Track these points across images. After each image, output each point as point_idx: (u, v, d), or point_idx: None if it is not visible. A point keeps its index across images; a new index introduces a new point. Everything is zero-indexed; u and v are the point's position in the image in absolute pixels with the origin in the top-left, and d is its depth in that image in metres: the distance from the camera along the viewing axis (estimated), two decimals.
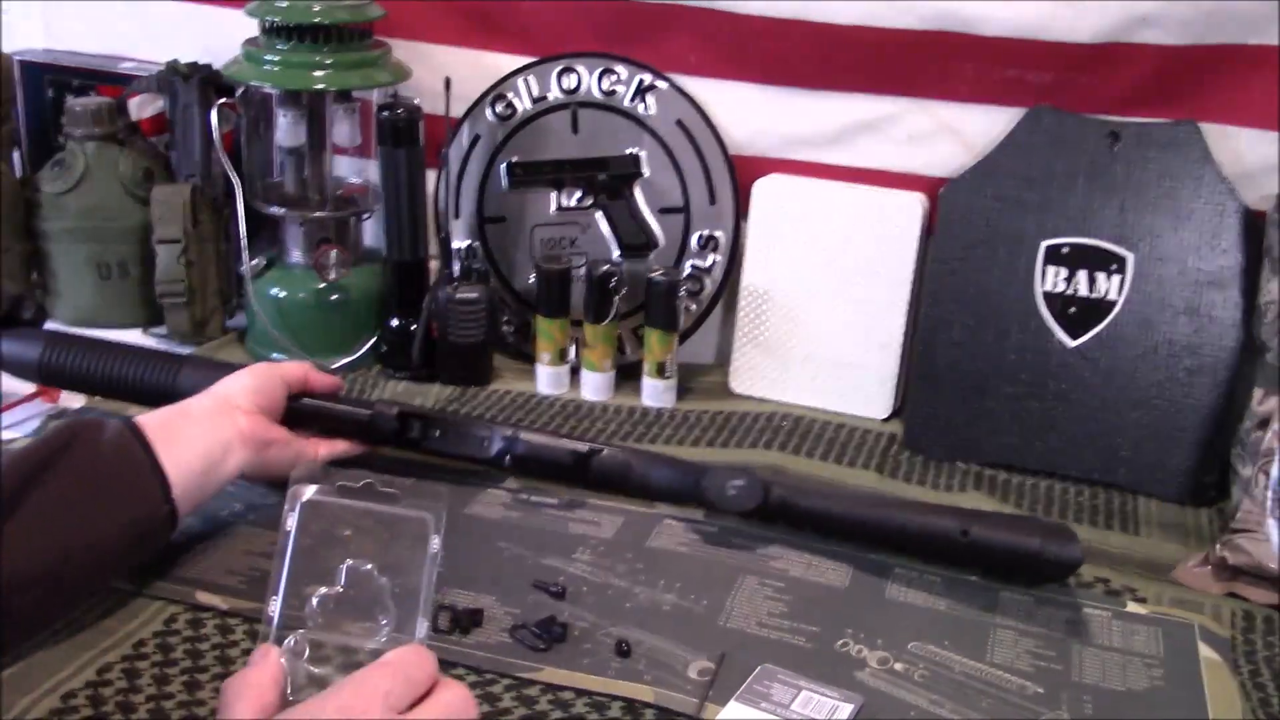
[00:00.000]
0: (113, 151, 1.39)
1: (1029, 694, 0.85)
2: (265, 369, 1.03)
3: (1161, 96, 1.20)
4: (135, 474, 0.86)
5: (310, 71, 1.27)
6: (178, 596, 0.90)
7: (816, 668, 0.86)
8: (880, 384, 1.29)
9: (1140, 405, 1.17)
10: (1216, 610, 0.98)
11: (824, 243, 1.28)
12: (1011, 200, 1.20)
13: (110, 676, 0.81)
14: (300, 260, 1.35)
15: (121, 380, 1.11)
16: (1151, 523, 1.12)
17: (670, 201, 1.35)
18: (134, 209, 1.38)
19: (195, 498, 0.91)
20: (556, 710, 0.81)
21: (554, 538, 1.02)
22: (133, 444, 0.87)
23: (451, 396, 1.29)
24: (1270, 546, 0.99)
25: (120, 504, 0.84)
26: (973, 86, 1.25)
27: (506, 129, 1.36)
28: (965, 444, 1.22)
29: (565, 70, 1.34)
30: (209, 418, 0.94)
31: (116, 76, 1.46)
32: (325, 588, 0.73)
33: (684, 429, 1.25)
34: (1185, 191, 1.16)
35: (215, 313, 1.39)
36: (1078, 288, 1.19)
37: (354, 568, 0.73)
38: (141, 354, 1.13)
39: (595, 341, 1.30)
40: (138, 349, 1.14)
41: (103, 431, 0.86)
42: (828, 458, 1.20)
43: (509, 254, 1.40)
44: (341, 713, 0.63)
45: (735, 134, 1.34)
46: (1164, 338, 1.16)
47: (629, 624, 0.90)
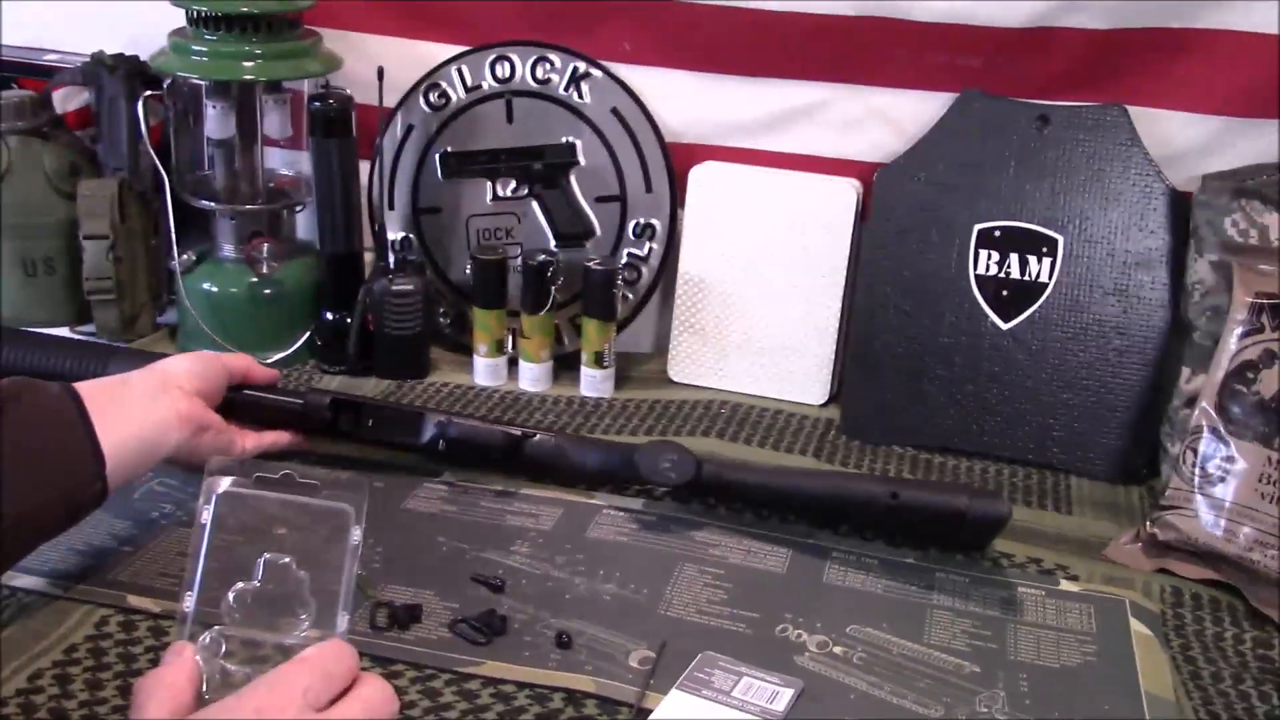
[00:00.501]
0: (37, 146, 1.36)
1: (966, 673, 0.86)
2: (209, 355, 1.04)
3: (1090, 80, 1.21)
4: (71, 446, 0.84)
5: (239, 62, 1.25)
6: (109, 600, 0.88)
7: (757, 654, 0.87)
8: (817, 370, 1.29)
9: (1071, 386, 1.18)
10: (1147, 586, 1.00)
11: (760, 229, 1.28)
12: (944, 185, 1.21)
13: (42, 683, 0.79)
14: (232, 254, 1.33)
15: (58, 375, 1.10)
16: (1084, 502, 1.14)
17: (606, 190, 1.34)
18: (59, 204, 1.35)
19: (128, 474, 0.88)
20: (498, 703, 0.80)
21: (492, 530, 1.01)
22: (72, 415, 0.84)
23: (388, 390, 1.28)
24: (1199, 522, 1.01)
25: (53, 476, 0.82)
26: (904, 72, 1.26)
27: (440, 119, 1.35)
28: (902, 428, 1.23)
29: (499, 59, 1.33)
30: (150, 394, 0.92)
31: (40, 69, 1.43)
32: (242, 582, 0.70)
33: (623, 418, 1.25)
34: (1114, 174, 1.18)
35: (145, 309, 1.37)
36: (1010, 270, 1.20)
37: (271, 561, 0.70)
38: (77, 347, 1.13)
39: (532, 332, 1.29)
40: (76, 342, 1.15)
41: (42, 396, 0.84)
42: (765, 444, 1.20)
43: (444, 245, 1.39)
44: (258, 713, 0.61)
45: (671, 121, 1.34)
46: (1093, 319, 1.18)
47: (569, 615, 0.90)
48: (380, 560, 0.95)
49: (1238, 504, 1.00)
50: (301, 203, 1.37)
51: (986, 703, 0.84)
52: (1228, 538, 1.00)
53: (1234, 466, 1.01)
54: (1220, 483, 1.01)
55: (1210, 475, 1.02)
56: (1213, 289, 1.11)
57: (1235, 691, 0.87)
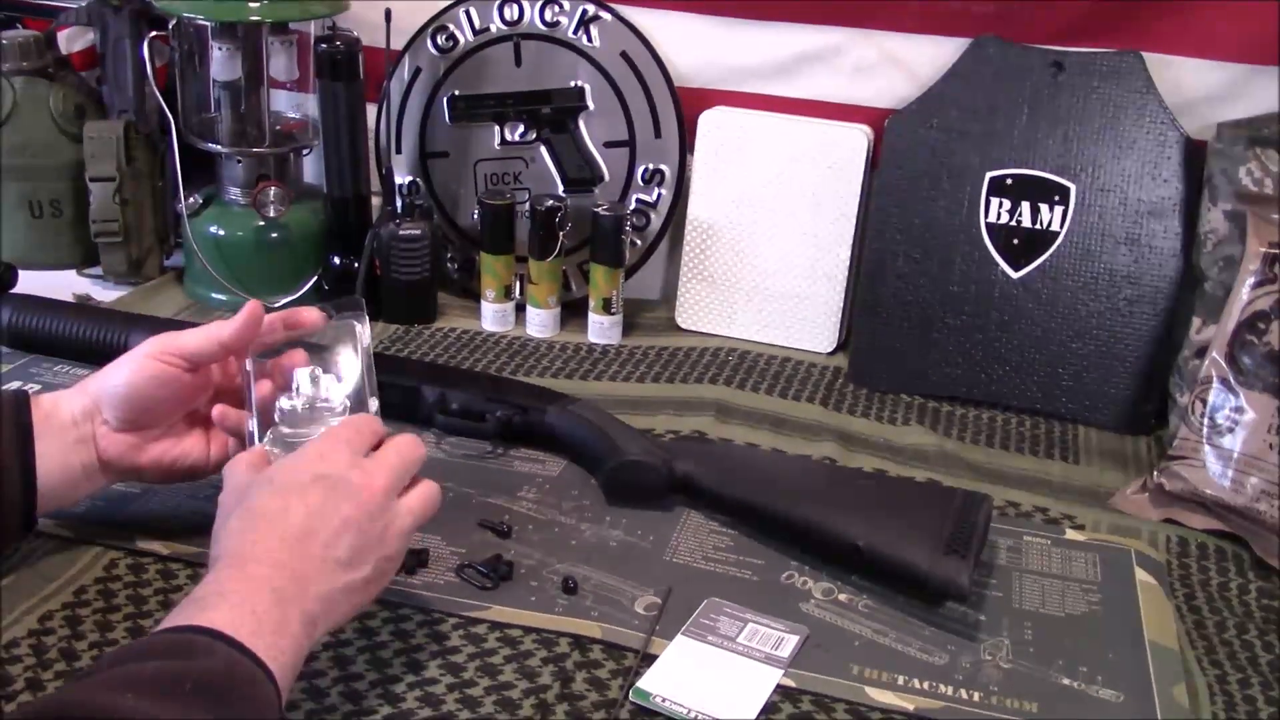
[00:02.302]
0: (42, 86, 1.36)
1: (971, 621, 0.87)
2: (147, 363, 0.84)
3: (1105, 26, 1.19)
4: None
5: (245, 3, 1.24)
6: (118, 542, 0.89)
7: (762, 600, 0.87)
8: (826, 317, 1.29)
9: (1081, 335, 1.18)
10: (1153, 536, 1.00)
11: (770, 176, 1.27)
12: (956, 131, 1.20)
13: (52, 624, 0.80)
14: (239, 198, 1.33)
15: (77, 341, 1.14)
16: (1091, 451, 1.14)
17: (615, 135, 1.33)
18: (66, 146, 1.35)
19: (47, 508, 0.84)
20: (505, 648, 0.81)
21: (499, 476, 1.02)
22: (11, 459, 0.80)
23: (395, 335, 1.28)
24: (1206, 473, 1.01)
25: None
26: (918, 17, 1.24)
27: (448, 62, 1.34)
28: (910, 376, 1.22)
29: (507, 1, 1.32)
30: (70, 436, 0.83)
31: (44, 9, 1.42)
32: (286, 396, 0.83)
33: (630, 365, 1.25)
34: (1127, 121, 1.16)
35: (152, 252, 1.37)
36: (1021, 219, 1.19)
37: (303, 374, 0.83)
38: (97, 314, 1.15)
39: (540, 278, 1.29)
40: (93, 309, 1.16)
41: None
42: (773, 392, 1.20)
43: (452, 190, 1.38)
44: (317, 458, 0.75)
45: (680, 66, 1.32)
46: (1104, 268, 1.17)
47: (575, 561, 0.90)
48: None
49: (1246, 455, 1.00)
50: (308, 146, 1.36)
51: (991, 650, 0.84)
52: (1235, 488, 1.00)
53: (1243, 417, 1.01)
54: (1229, 433, 1.01)
55: (1219, 426, 1.02)
56: (1225, 238, 1.10)
57: (1239, 641, 0.88)
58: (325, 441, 0.76)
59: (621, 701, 0.77)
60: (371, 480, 0.74)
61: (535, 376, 1.20)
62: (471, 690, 0.77)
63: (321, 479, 0.73)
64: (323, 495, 0.72)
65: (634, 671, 0.79)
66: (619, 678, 0.79)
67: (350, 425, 0.78)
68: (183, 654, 0.61)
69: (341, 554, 0.71)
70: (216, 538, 0.73)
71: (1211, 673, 0.84)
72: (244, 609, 0.65)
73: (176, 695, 0.58)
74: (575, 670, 0.79)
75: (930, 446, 1.12)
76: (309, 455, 0.75)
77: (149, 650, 0.62)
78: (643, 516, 0.97)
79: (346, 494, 0.73)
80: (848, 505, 0.93)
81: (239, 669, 0.62)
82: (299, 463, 0.75)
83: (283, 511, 0.71)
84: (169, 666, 0.60)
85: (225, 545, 0.71)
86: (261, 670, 0.63)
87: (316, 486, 0.73)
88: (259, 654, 0.63)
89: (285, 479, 0.74)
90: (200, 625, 0.63)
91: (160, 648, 0.62)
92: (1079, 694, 0.80)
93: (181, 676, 0.59)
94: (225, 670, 0.61)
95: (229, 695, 0.60)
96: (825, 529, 0.92)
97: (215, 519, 0.74)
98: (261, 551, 0.69)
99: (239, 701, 0.60)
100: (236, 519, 0.72)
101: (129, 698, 0.57)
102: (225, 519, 0.73)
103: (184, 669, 0.60)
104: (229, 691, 0.60)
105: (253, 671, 0.62)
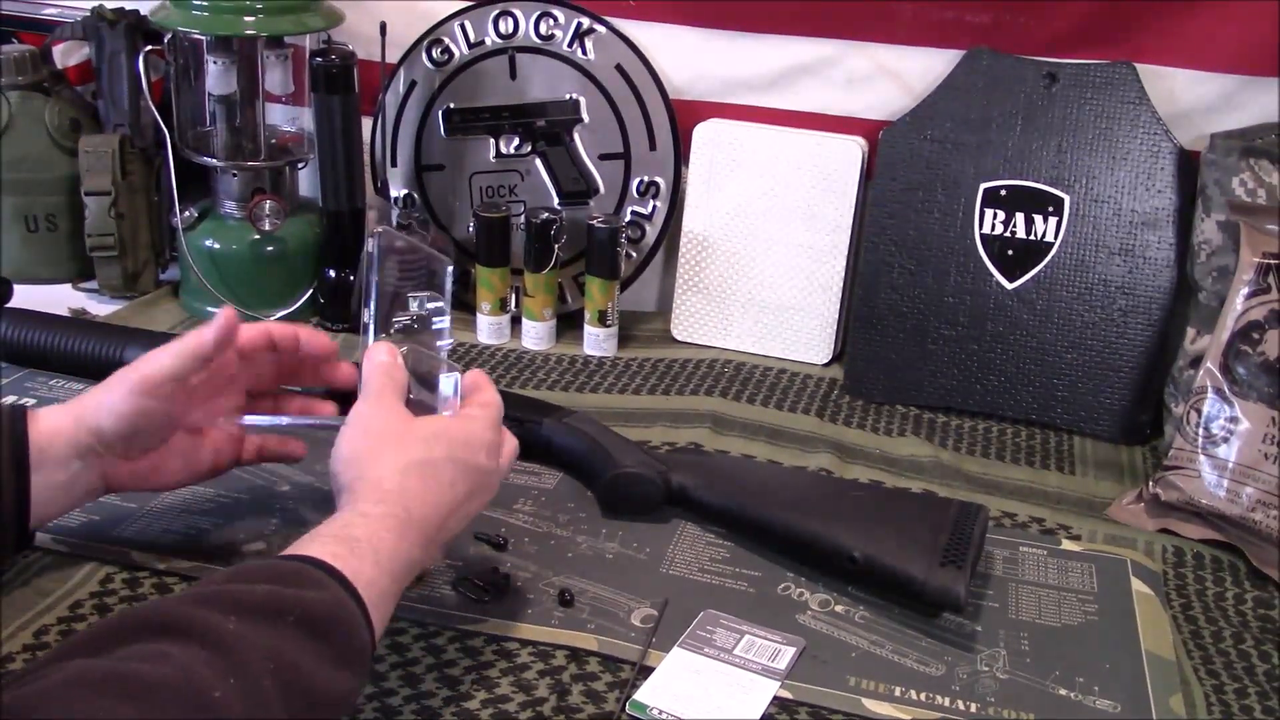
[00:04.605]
0: (38, 101, 1.36)
1: (968, 632, 0.87)
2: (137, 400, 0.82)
3: (1098, 37, 1.20)
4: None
5: (240, 17, 1.24)
6: (113, 557, 0.89)
7: (759, 612, 0.87)
8: (821, 328, 1.29)
9: (1076, 346, 1.18)
10: (1149, 546, 1.00)
11: (764, 188, 1.27)
12: (950, 143, 1.21)
13: (48, 639, 0.80)
14: (234, 211, 1.33)
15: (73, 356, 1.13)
16: (1087, 461, 1.14)
17: (610, 148, 1.34)
18: (61, 160, 1.35)
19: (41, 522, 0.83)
20: (501, 660, 0.81)
21: None
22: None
23: None
24: (1202, 483, 1.01)
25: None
26: (911, 29, 1.24)
27: (443, 75, 1.34)
28: (905, 387, 1.23)
29: (502, 14, 1.32)
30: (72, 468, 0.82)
31: (39, 23, 1.42)
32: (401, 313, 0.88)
33: (626, 377, 1.25)
34: (1121, 132, 1.17)
35: (147, 266, 1.37)
36: (1015, 230, 1.20)
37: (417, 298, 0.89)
38: (93, 329, 1.14)
39: (536, 290, 1.29)
40: (89, 324, 1.15)
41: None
42: (769, 403, 1.20)
43: (447, 202, 1.38)
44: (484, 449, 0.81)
45: (675, 78, 1.33)
46: (1099, 278, 1.17)
47: (571, 573, 0.90)
48: None
49: (1241, 464, 1.00)
50: (304, 159, 1.36)
51: (988, 661, 0.84)
52: (1230, 498, 1.00)
53: (1238, 427, 1.01)
54: (1224, 443, 1.01)
55: (1214, 435, 1.02)
56: (1219, 249, 1.10)
57: (1235, 651, 0.88)
58: (492, 428, 0.82)
59: (618, 714, 0.77)
60: (494, 484, 0.83)
61: (531, 389, 1.21)
62: (468, 704, 0.77)
63: (480, 471, 0.80)
64: (474, 486, 0.79)
65: (631, 684, 0.79)
66: (616, 690, 0.79)
67: (497, 409, 0.84)
68: (299, 583, 0.65)
69: (455, 531, 0.80)
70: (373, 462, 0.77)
71: (1208, 682, 0.84)
72: (386, 570, 0.70)
73: (279, 621, 0.62)
74: (572, 683, 0.79)
75: (926, 457, 1.12)
76: (483, 438, 0.81)
77: (269, 573, 0.65)
78: (639, 529, 0.97)
79: (485, 492, 0.82)
80: (844, 516, 0.93)
81: (347, 614, 0.65)
82: (476, 441, 0.80)
83: (452, 485, 0.78)
84: (277, 593, 0.63)
85: (398, 485, 0.75)
86: (367, 623, 0.66)
87: (476, 477, 0.80)
88: (373, 614, 0.67)
89: (465, 455, 0.79)
90: (335, 568, 0.67)
91: (279, 573, 0.65)
92: (1076, 704, 0.80)
93: (289, 604, 0.63)
94: (332, 612, 0.65)
95: (328, 635, 0.63)
96: (821, 540, 0.92)
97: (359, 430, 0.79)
98: (425, 517, 0.75)
99: (336, 642, 0.64)
100: (418, 465, 0.77)
101: (231, 620, 0.60)
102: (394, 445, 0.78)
103: (294, 598, 0.63)
104: (329, 632, 0.64)
105: (358, 620, 0.66)
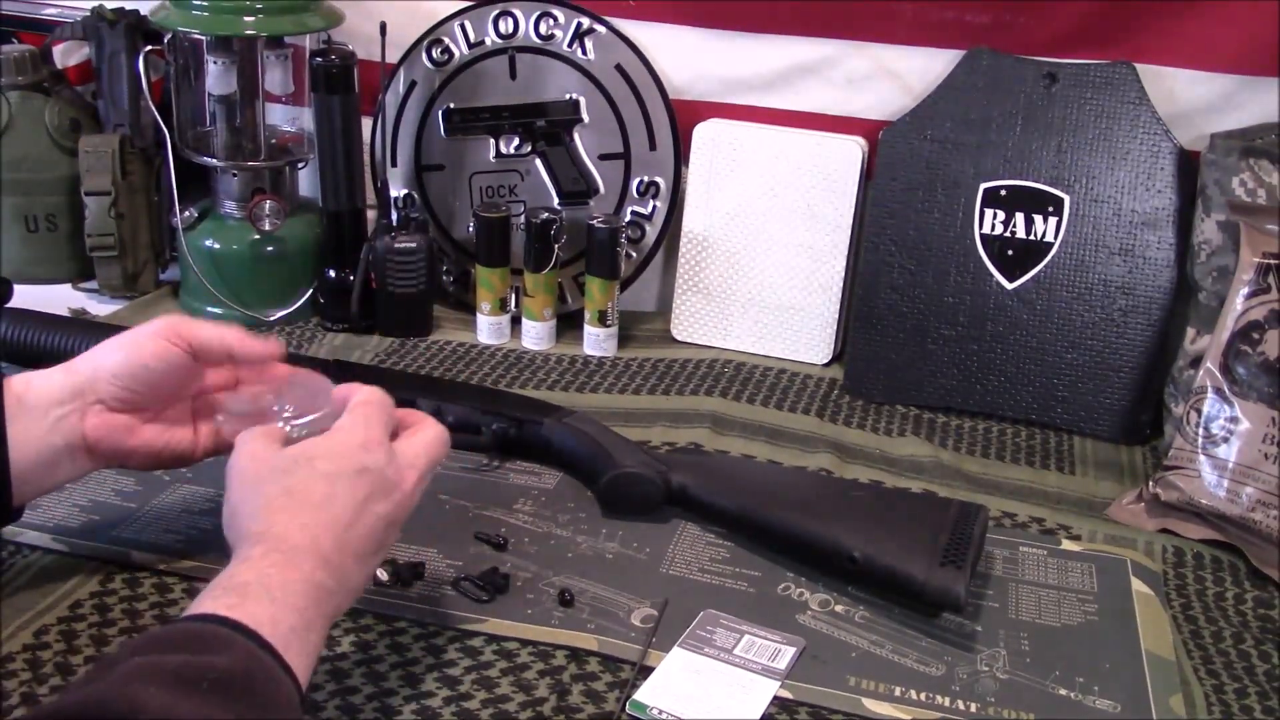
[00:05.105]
0: (38, 101, 1.36)
1: (967, 632, 0.87)
2: (157, 347, 0.82)
3: (1098, 37, 1.20)
4: None
5: (240, 17, 1.24)
6: (114, 557, 0.89)
7: (759, 612, 0.87)
8: (821, 329, 1.29)
9: (1076, 346, 1.18)
10: (1149, 546, 1.00)
11: (764, 188, 1.27)
12: (950, 143, 1.21)
13: (48, 639, 0.80)
14: (234, 211, 1.33)
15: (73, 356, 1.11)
16: (1087, 461, 1.14)
17: (610, 148, 1.34)
18: (61, 160, 1.35)
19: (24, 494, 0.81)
20: (501, 660, 0.81)
21: (495, 489, 1.01)
22: None
23: (391, 348, 1.28)
24: (1202, 483, 1.01)
25: None
26: (911, 29, 1.24)
27: (443, 75, 1.34)
28: (905, 387, 1.23)
29: (502, 14, 1.32)
30: (51, 415, 0.80)
31: (39, 23, 1.42)
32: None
33: (626, 377, 1.25)
34: (1121, 132, 1.17)
35: (147, 266, 1.37)
36: (1015, 230, 1.20)
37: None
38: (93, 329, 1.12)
39: (536, 290, 1.29)
40: (89, 324, 1.14)
41: None
42: (769, 403, 1.20)
43: (448, 202, 1.38)
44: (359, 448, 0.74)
45: (675, 78, 1.32)
46: (1099, 278, 1.17)
47: (571, 573, 0.90)
48: None
49: (1241, 464, 1.00)
50: (304, 159, 1.36)
51: (988, 661, 0.84)
52: (1230, 498, 1.00)
53: (1238, 427, 1.01)
54: (1224, 443, 1.01)
55: (1214, 435, 1.02)
56: (1219, 249, 1.10)
57: (1235, 651, 0.88)
58: (362, 427, 0.76)
59: (618, 714, 0.76)
60: (405, 478, 0.76)
61: (531, 389, 1.20)
62: (468, 704, 0.77)
63: (365, 472, 0.73)
64: (368, 489, 0.73)
65: (631, 684, 0.79)
66: (616, 690, 0.79)
67: (377, 405, 0.78)
68: (205, 648, 0.61)
69: (373, 549, 0.73)
70: (243, 512, 0.72)
71: (1208, 682, 0.84)
72: (285, 605, 0.65)
73: (195, 691, 0.58)
74: (572, 683, 0.79)
75: (926, 457, 1.12)
76: (351, 441, 0.75)
77: (174, 640, 0.61)
78: (639, 528, 0.97)
79: (385, 490, 0.74)
80: (844, 516, 0.93)
81: (260, 666, 0.62)
82: (341, 447, 0.74)
83: (328, 500, 0.71)
84: (192, 662, 0.60)
85: (267, 524, 0.70)
86: (283, 668, 0.63)
87: (363, 480, 0.73)
88: (287, 653, 0.63)
89: (330, 466, 0.73)
90: (233, 619, 0.63)
91: (183, 639, 0.62)
92: (1076, 704, 0.80)
93: (203, 672, 0.59)
94: (245, 668, 0.61)
95: (248, 694, 0.60)
96: (821, 540, 0.92)
97: (230, 485, 0.73)
98: (308, 541, 0.69)
99: (258, 700, 0.60)
100: (280, 496, 0.71)
101: (151, 690, 0.57)
102: (254, 488, 0.72)
103: (206, 665, 0.60)
104: (248, 691, 0.60)
105: (273, 669, 0.62)
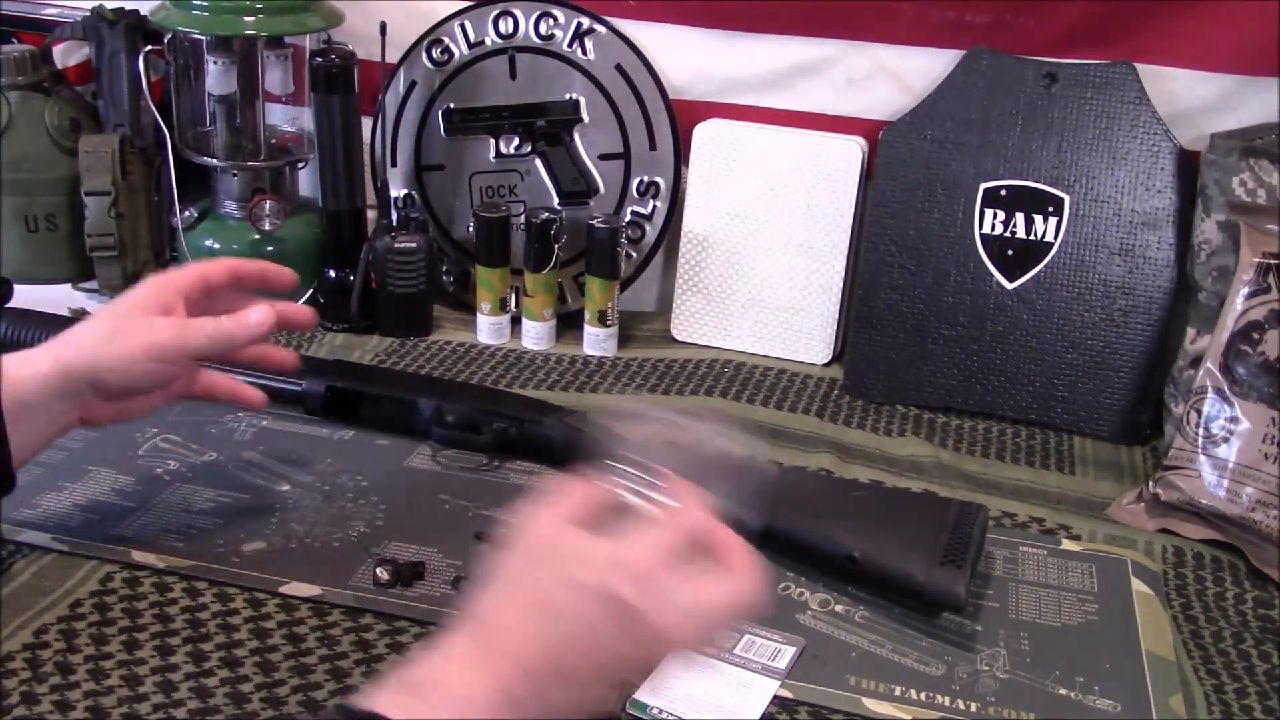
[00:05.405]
0: (38, 101, 1.36)
1: (967, 632, 0.87)
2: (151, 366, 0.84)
3: (1097, 37, 1.20)
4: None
5: (240, 17, 1.25)
6: (114, 556, 0.88)
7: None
8: (821, 329, 1.29)
9: (1076, 346, 1.18)
10: (1149, 546, 1.00)
11: (764, 188, 1.27)
12: (950, 143, 1.21)
13: (47, 638, 0.80)
14: (234, 211, 1.33)
15: None
16: (1087, 461, 1.14)
17: (610, 148, 1.34)
18: (61, 160, 1.35)
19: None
20: None
21: (496, 489, 1.01)
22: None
23: (391, 348, 1.28)
24: (1202, 483, 1.01)
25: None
26: (911, 28, 1.24)
27: (443, 75, 1.34)
28: (905, 387, 1.22)
29: (502, 14, 1.32)
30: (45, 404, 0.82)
31: (39, 23, 1.42)
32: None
33: (626, 377, 1.25)
34: (1121, 132, 1.17)
35: (147, 266, 1.37)
36: (1015, 230, 1.20)
37: None
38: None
39: (536, 290, 1.29)
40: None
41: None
42: (769, 403, 1.20)
43: (447, 202, 1.38)
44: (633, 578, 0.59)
45: (675, 78, 1.32)
46: (1099, 278, 1.17)
47: None
48: (384, 518, 0.96)
49: (1241, 464, 1.00)
50: (304, 159, 1.36)
51: (988, 661, 0.84)
52: (1230, 498, 1.00)
53: (1238, 427, 1.01)
54: (1224, 443, 1.01)
55: (1214, 436, 1.02)
56: (1219, 249, 1.10)
57: (1235, 651, 0.88)
58: (652, 551, 0.61)
59: (619, 714, 0.76)
60: (670, 632, 0.60)
61: (531, 389, 1.20)
62: None
63: (622, 607, 0.59)
64: (616, 625, 0.59)
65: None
66: None
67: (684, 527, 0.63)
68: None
69: (585, 682, 0.60)
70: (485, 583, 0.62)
71: (1208, 682, 0.84)
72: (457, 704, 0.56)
73: None
74: None
75: (926, 457, 1.12)
76: (632, 559, 0.60)
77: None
78: None
79: (637, 637, 0.59)
80: (843, 516, 0.93)
81: None
82: (625, 562, 0.60)
83: (563, 615, 0.59)
84: None
85: (484, 607, 0.61)
86: None
87: (613, 610, 0.59)
88: None
89: (589, 577, 0.60)
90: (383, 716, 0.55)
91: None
92: (1076, 704, 0.80)
93: None
94: None
95: None
96: (821, 540, 0.92)
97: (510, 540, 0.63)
98: (512, 642, 0.59)
99: None
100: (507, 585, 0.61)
101: None
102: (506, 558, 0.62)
103: None
104: None
105: None
